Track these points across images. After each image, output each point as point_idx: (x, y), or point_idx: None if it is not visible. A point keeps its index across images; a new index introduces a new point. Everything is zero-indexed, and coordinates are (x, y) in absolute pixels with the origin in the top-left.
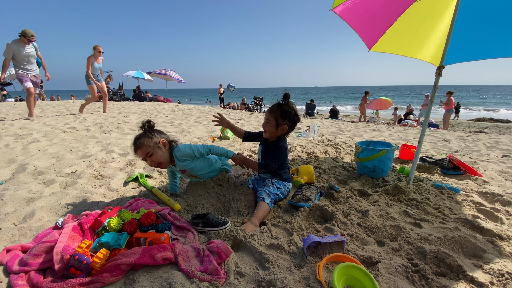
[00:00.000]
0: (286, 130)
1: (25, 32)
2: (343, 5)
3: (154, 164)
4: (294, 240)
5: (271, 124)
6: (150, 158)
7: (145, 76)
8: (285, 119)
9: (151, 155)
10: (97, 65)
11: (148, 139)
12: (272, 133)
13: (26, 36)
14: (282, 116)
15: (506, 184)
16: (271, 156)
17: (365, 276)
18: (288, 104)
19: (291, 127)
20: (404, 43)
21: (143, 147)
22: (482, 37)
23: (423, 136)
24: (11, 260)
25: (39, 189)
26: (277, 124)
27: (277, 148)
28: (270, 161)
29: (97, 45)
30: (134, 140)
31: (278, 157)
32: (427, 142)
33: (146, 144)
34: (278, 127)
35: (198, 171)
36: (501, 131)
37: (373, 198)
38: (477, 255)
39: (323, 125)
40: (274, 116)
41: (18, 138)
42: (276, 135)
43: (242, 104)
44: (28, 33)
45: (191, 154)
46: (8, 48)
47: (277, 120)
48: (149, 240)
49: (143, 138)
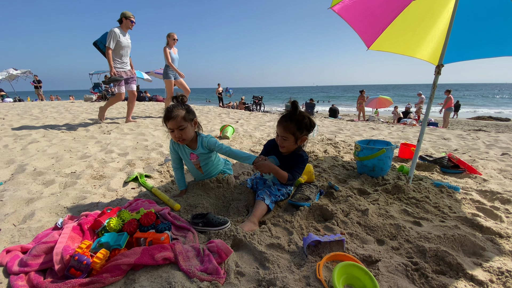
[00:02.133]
0: (306, 140)
1: (126, 14)
2: (342, 3)
3: (180, 138)
4: (294, 239)
5: (290, 141)
6: (179, 131)
7: (144, 75)
8: (303, 130)
9: (183, 129)
10: (174, 56)
11: (186, 113)
12: (291, 148)
13: (129, 17)
14: (299, 129)
15: (505, 182)
16: (297, 168)
17: (365, 275)
18: (300, 113)
19: (308, 135)
20: (402, 41)
21: (179, 119)
22: (481, 36)
23: (422, 134)
24: (11, 261)
25: (38, 190)
26: (296, 139)
27: (302, 160)
28: (297, 172)
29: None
30: (169, 109)
31: (303, 168)
32: (426, 141)
33: (183, 117)
34: (297, 141)
35: (206, 165)
36: (500, 129)
37: (372, 197)
38: (477, 253)
39: (323, 124)
40: (291, 132)
41: (17, 138)
42: (295, 147)
43: (241, 104)
44: (129, 14)
45: (213, 145)
46: (114, 36)
47: (295, 135)
48: (149, 240)
49: (181, 110)
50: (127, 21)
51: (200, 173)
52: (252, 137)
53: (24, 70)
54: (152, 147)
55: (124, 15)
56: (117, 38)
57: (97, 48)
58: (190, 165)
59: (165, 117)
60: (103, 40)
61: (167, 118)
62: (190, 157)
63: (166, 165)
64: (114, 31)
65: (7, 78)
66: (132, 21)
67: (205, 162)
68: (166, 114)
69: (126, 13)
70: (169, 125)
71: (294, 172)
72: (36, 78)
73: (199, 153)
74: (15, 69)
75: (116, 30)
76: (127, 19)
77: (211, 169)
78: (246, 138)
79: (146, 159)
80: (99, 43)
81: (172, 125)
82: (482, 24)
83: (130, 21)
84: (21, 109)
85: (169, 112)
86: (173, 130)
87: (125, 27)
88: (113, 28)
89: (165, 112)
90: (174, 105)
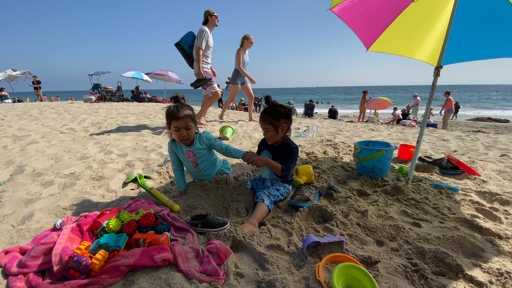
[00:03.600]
0: (287, 127)
1: (211, 12)
2: (341, 5)
3: (184, 137)
4: (294, 241)
5: (271, 130)
6: (186, 131)
7: (144, 76)
8: (279, 118)
9: (190, 128)
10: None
11: (193, 114)
12: (275, 137)
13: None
14: (275, 118)
15: (505, 184)
16: (288, 158)
17: (364, 276)
18: (274, 104)
19: (289, 121)
20: (401, 43)
21: (188, 119)
22: (479, 37)
23: (421, 136)
24: (9, 262)
25: (37, 191)
26: (275, 128)
27: (291, 149)
28: (290, 163)
29: (249, 35)
30: (177, 108)
31: (295, 159)
32: (425, 142)
33: (191, 117)
34: (278, 129)
35: (203, 162)
36: (499, 130)
37: (372, 198)
38: (476, 254)
39: (322, 125)
40: (268, 122)
41: (16, 139)
42: (280, 137)
43: (241, 105)
44: (212, 10)
45: (212, 140)
46: (206, 36)
47: (273, 124)
48: (148, 241)
49: (188, 111)
50: (213, 18)
51: (198, 171)
52: (252, 138)
53: (23, 71)
54: (152, 148)
55: (209, 13)
56: (207, 38)
57: (179, 48)
58: (188, 163)
59: (173, 116)
60: (187, 40)
61: (175, 117)
62: (187, 155)
63: (165, 166)
64: (206, 31)
65: (6, 79)
66: (217, 16)
67: (202, 159)
68: (173, 113)
69: (210, 11)
70: (177, 124)
71: (287, 162)
72: (35, 78)
73: (196, 149)
74: (14, 70)
75: (207, 30)
76: (212, 16)
77: (208, 166)
78: (246, 139)
79: (145, 160)
80: (183, 43)
81: (180, 124)
82: (481, 25)
83: (216, 17)
84: (20, 110)
85: (178, 112)
86: (179, 129)
87: (212, 25)
88: (203, 27)
89: (171, 111)
90: (180, 105)
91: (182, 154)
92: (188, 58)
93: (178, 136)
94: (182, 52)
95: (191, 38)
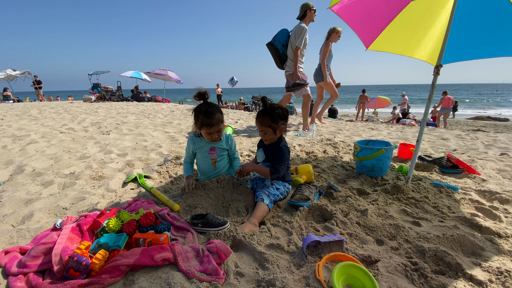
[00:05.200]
0: (284, 129)
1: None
2: (341, 4)
3: (216, 140)
4: (294, 240)
5: (269, 133)
6: (218, 133)
7: (143, 76)
8: (277, 120)
9: (220, 130)
10: (331, 54)
11: (222, 115)
12: (273, 139)
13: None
14: (274, 120)
15: (504, 182)
16: (276, 159)
17: (364, 275)
18: (271, 106)
19: (286, 122)
20: (401, 42)
21: (220, 124)
22: (479, 36)
23: (421, 135)
24: (9, 262)
25: (37, 191)
26: (273, 130)
27: (280, 150)
28: (279, 165)
29: (337, 27)
30: (211, 112)
31: (284, 158)
32: (425, 141)
33: (222, 120)
34: (276, 131)
35: (221, 161)
36: (499, 129)
37: (372, 197)
38: (476, 253)
39: (322, 125)
40: (267, 124)
41: (16, 139)
42: (277, 137)
43: (240, 104)
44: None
45: (233, 145)
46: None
47: (271, 127)
48: (148, 240)
49: (219, 114)
50: (311, 12)
51: (213, 169)
52: (252, 138)
53: (23, 71)
54: (151, 148)
55: (308, 6)
56: (305, 36)
57: (271, 48)
58: (207, 159)
59: (205, 123)
60: (281, 38)
61: (209, 125)
62: (209, 150)
63: (165, 165)
64: (306, 28)
65: (6, 78)
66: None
67: (221, 158)
68: (206, 119)
69: (309, 4)
70: (210, 130)
71: (276, 165)
72: (36, 78)
73: (220, 147)
74: (13, 70)
75: (306, 28)
76: (311, 11)
77: (223, 166)
78: (246, 139)
79: (145, 159)
80: (276, 43)
81: (213, 130)
82: (481, 24)
83: (314, 11)
84: (20, 110)
85: (211, 119)
86: (211, 133)
87: (309, 21)
88: (302, 24)
89: (203, 117)
90: (210, 107)
91: (204, 149)
92: (279, 58)
93: (209, 138)
94: (274, 51)
95: (285, 36)
